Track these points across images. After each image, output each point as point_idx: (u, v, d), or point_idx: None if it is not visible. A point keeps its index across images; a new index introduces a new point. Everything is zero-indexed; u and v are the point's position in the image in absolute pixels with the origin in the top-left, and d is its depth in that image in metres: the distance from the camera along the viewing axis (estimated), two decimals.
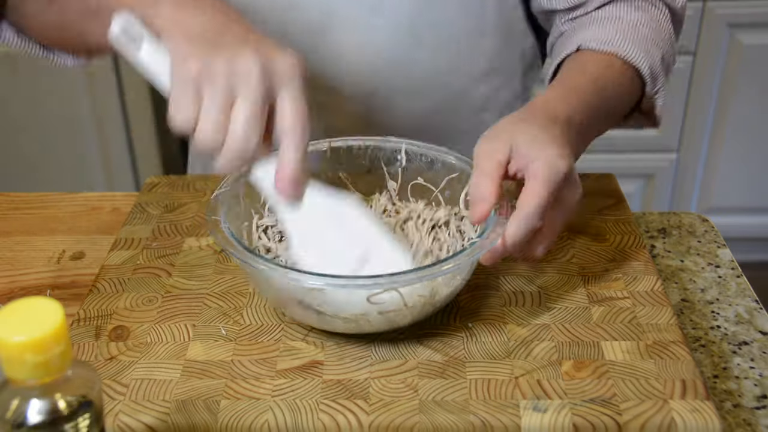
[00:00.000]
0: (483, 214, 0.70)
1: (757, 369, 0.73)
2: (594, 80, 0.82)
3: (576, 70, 0.84)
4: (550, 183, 0.68)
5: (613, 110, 0.86)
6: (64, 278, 0.85)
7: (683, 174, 2.20)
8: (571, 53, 0.88)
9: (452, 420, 0.64)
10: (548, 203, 0.69)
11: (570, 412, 0.64)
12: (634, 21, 0.88)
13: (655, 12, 0.91)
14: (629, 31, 0.87)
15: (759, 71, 2.08)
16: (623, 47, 0.85)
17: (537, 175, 0.69)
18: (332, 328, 0.71)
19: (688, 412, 0.64)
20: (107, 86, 2.07)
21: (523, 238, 0.69)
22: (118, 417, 0.65)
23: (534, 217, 0.68)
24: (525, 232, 0.68)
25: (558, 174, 0.69)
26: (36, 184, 2.13)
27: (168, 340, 0.72)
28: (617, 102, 0.86)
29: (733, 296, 0.83)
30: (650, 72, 0.86)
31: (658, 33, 0.89)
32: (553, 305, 0.76)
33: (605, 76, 0.83)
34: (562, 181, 0.70)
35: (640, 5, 0.90)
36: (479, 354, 0.70)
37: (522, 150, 0.70)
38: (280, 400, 0.66)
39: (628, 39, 0.86)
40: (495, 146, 0.71)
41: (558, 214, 0.71)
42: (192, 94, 0.65)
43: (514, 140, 0.71)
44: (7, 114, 2.11)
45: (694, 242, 0.91)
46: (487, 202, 0.70)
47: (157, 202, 0.92)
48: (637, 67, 0.85)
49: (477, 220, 0.70)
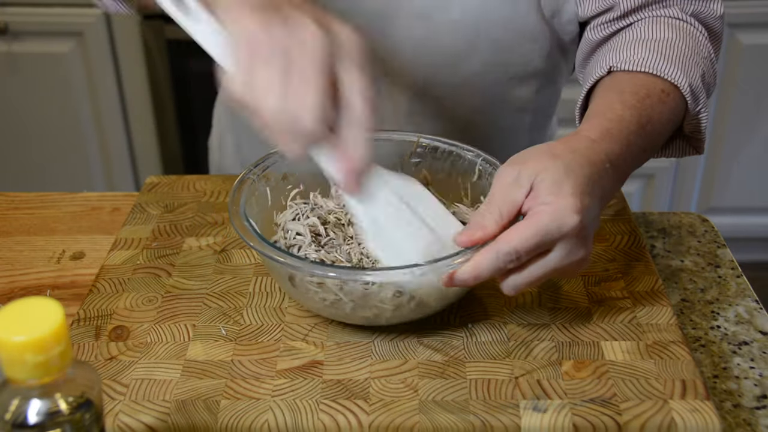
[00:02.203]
0: (474, 242, 0.66)
1: (757, 369, 0.73)
2: (638, 114, 0.75)
3: (615, 100, 0.76)
4: (543, 233, 0.63)
5: (655, 144, 0.80)
6: (64, 278, 0.85)
7: (683, 174, 2.20)
8: (602, 77, 0.82)
9: (452, 420, 0.64)
10: (531, 251, 0.64)
11: (570, 412, 0.64)
12: (669, 39, 0.82)
13: (691, 29, 0.85)
14: (665, 49, 0.81)
15: (759, 71, 2.08)
16: (659, 66, 0.79)
17: (535, 219, 0.64)
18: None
19: (688, 412, 0.64)
20: (107, 86, 2.07)
21: (486, 274, 0.65)
22: (118, 417, 0.65)
23: (505, 257, 0.64)
24: (490, 268, 0.64)
25: (560, 229, 0.64)
26: (36, 184, 2.13)
27: (168, 340, 0.72)
28: (659, 136, 0.79)
29: (733, 296, 0.83)
30: (690, 90, 0.79)
31: (696, 51, 0.83)
32: (553, 305, 0.76)
33: (646, 106, 0.76)
34: (561, 237, 0.64)
35: (673, 24, 0.85)
36: (479, 354, 0.70)
37: (541, 191, 0.65)
38: (280, 400, 0.66)
39: (664, 57, 0.80)
40: (516, 180, 0.66)
41: (543, 266, 0.66)
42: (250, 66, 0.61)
43: (537, 178, 0.66)
44: (7, 114, 2.11)
45: (694, 242, 0.91)
46: (482, 234, 0.66)
47: (157, 202, 0.92)
48: (676, 84, 0.79)
49: (464, 244, 0.66)
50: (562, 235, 0.64)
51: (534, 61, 0.95)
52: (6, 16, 1.99)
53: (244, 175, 0.78)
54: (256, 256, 0.82)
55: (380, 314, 0.70)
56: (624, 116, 0.74)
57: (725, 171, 2.20)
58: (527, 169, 0.67)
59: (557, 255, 0.65)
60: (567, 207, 0.64)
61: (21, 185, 1.92)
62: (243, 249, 0.84)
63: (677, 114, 0.80)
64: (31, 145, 2.15)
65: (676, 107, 0.80)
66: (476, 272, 0.65)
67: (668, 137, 0.84)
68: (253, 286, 0.79)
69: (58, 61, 2.04)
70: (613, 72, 0.82)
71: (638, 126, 0.74)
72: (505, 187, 0.67)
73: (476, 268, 0.65)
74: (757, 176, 2.21)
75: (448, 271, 0.66)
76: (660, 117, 0.77)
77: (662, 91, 0.79)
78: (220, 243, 0.85)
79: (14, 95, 2.09)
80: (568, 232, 0.64)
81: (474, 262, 0.65)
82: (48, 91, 2.08)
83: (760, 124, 2.15)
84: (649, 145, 0.77)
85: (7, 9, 1.99)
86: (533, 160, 0.67)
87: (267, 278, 0.80)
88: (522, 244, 0.63)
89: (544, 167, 0.66)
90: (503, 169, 0.68)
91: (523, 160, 0.68)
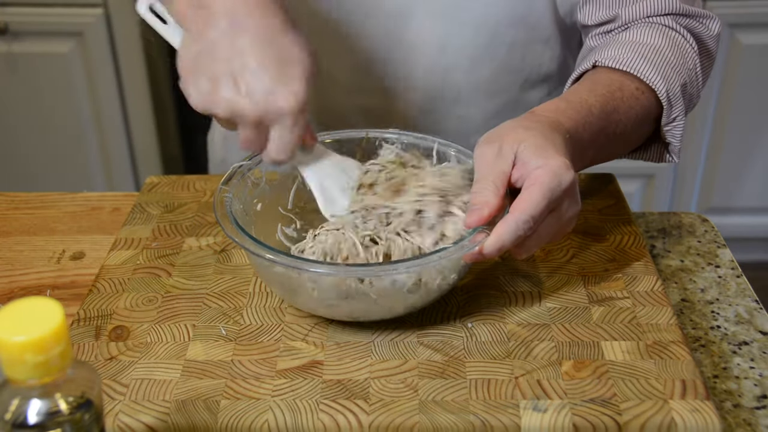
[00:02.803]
0: (481, 220, 0.68)
1: (757, 369, 0.73)
2: (602, 101, 0.79)
3: (586, 88, 0.81)
4: (550, 192, 0.67)
5: (622, 135, 0.82)
6: (64, 278, 0.85)
7: (683, 174, 2.20)
8: (587, 70, 0.85)
9: (452, 420, 0.64)
10: (543, 213, 0.67)
11: (570, 412, 0.64)
12: (654, 44, 0.85)
13: (680, 40, 0.87)
14: (649, 53, 0.83)
15: (759, 71, 2.08)
16: (639, 68, 0.82)
17: (538, 183, 0.67)
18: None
19: (688, 412, 0.64)
20: (107, 86, 2.07)
21: (509, 244, 0.67)
22: (118, 417, 0.65)
23: (524, 225, 0.66)
24: (511, 238, 0.67)
25: (560, 184, 0.67)
26: (36, 184, 2.13)
27: (168, 340, 0.72)
28: (627, 126, 0.82)
29: (733, 296, 0.83)
30: (667, 96, 0.82)
31: (681, 61, 0.85)
32: (553, 305, 0.76)
33: (615, 97, 0.80)
34: (563, 193, 0.68)
35: (663, 32, 0.87)
36: (479, 354, 0.70)
37: (526, 157, 0.69)
38: (280, 400, 0.66)
39: (646, 60, 0.83)
40: (499, 153, 0.69)
41: (550, 224, 0.69)
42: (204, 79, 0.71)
43: (518, 148, 0.69)
44: (7, 114, 2.11)
45: (694, 242, 0.91)
46: (489, 209, 0.68)
47: (157, 202, 0.92)
48: (652, 87, 0.82)
49: (473, 224, 0.68)
50: (563, 192, 0.68)
51: (546, 64, 0.96)
52: (6, 16, 1.99)
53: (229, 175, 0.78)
54: None
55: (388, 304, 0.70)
56: (587, 100, 0.78)
57: (725, 171, 2.20)
58: (507, 143, 0.70)
59: (562, 211, 0.69)
60: (559, 165, 0.68)
61: (21, 185, 1.92)
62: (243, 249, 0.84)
63: (649, 113, 0.83)
64: (31, 145, 2.15)
65: (648, 106, 0.83)
66: (500, 243, 0.67)
67: (644, 137, 0.87)
68: (253, 286, 0.79)
69: (58, 61, 2.04)
70: (597, 67, 0.85)
71: (601, 111, 0.78)
72: (491, 163, 0.70)
73: (500, 239, 0.67)
74: (757, 176, 2.21)
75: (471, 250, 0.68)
76: (628, 110, 0.81)
77: (637, 89, 0.82)
78: (220, 243, 0.85)
79: (14, 95, 2.09)
80: (567, 187, 0.68)
81: (496, 235, 0.67)
82: (48, 91, 2.08)
83: (761, 124, 2.15)
84: (613, 133, 0.80)
85: (7, 9, 1.99)
86: (509, 134, 0.71)
87: None
88: (536, 209, 0.66)
89: (523, 137, 0.70)
90: (482, 148, 0.71)
91: (498, 135, 0.71)
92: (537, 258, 0.82)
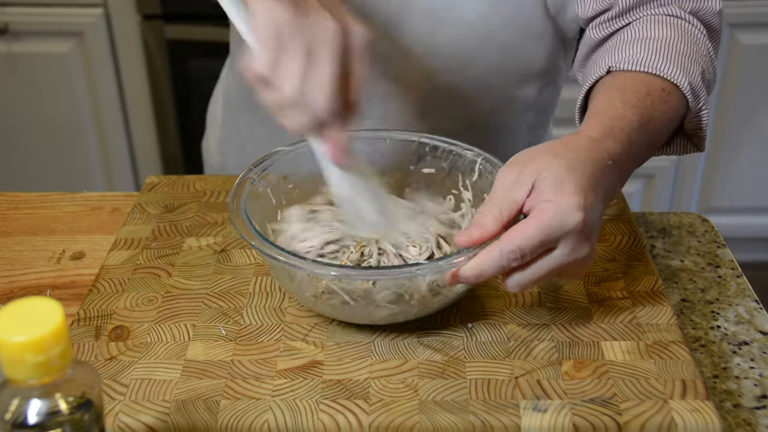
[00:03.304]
0: (472, 242, 0.66)
1: (757, 369, 0.73)
2: (639, 113, 0.75)
3: (618, 99, 0.76)
4: (546, 231, 0.63)
5: (656, 142, 0.80)
6: (64, 278, 0.85)
7: (683, 174, 2.20)
8: (602, 77, 0.82)
9: (452, 420, 0.64)
10: (534, 249, 0.64)
11: (570, 412, 0.64)
12: (668, 38, 0.82)
13: (689, 28, 0.85)
14: (662, 48, 0.81)
15: (759, 71, 2.08)
16: (658, 66, 0.79)
17: (537, 217, 0.64)
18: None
19: (688, 412, 0.64)
20: (107, 86, 2.07)
21: (489, 272, 0.65)
22: (118, 417, 0.65)
23: (508, 255, 0.64)
24: (493, 266, 0.65)
25: (562, 226, 0.64)
26: (36, 184, 2.13)
27: (168, 340, 0.72)
28: (662, 133, 0.79)
29: (733, 296, 0.83)
30: (691, 88, 0.79)
31: (695, 49, 0.83)
32: (553, 305, 0.76)
33: (647, 105, 0.76)
34: (565, 235, 0.64)
35: (672, 22, 0.84)
36: (479, 354, 0.70)
37: (542, 190, 0.65)
38: (280, 400, 0.66)
39: (663, 56, 0.80)
40: (518, 179, 0.67)
41: (547, 263, 0.66)
42: (277, 48, 0.67)
43: (538, 177, 0.66)
44: (7, 114, 2.11)
45: (694, 242, 0.91)
46: (481, 234, 0.66)
47: (157, 202, 0.92)
48: (675, 83, 0.79)
49: (464, 244, 0.67)
50: (566, 233, 0.64)
51: (538, 60, 0.96)
52: (6, 16, 1.99)
53: (244, 175, 0.78)
54: (256, 256, 0.82)
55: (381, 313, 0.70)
56: (626, 114, 0.74)
57: (725, 171, 2.20)
58: (528, 169, 0.67)
59: (561, 252, 0.65)
60: (570, 204, 0.64)
61: (21, 185, 1.92)
62: (243, 249, 0.84)
63: (678, 112, 0.80)
64: (32, 145, 2.15)
65: (677, 106, 0.80)
66: (479, 270, 0.65)
67: (669, 135, 0.84)
68: (253, 286, 0.79)
69: (58, 61, 2.04)
70: (612, 72, 0.82)
71: (640, 124, 0.74)
72: (507, 187, 0.67)
73: (480, 265, 0.65)
74: (757, 176, 2.21)
75: (450, 269, 0.66)
76: (661, 116, 0.77)
77: (662, 89, 0.79)
78: (220, 243, 0.85)
79: (14, 95, 2.09)
80: (571, 229, 0.64)
81: (477, 260, 0.65)
82: (48, 91, 2.08)
83: (760, 124, 2.15)
84: (650, 142, 0.77)
85: (7, 9, 1.99)
86: (534, 160, 0.67)
87: (267, 278, 0.80)
88: (525, 242, 0.64)
89: (546, 166, 0.66)
90: (504, 170, 0.69)
91: (524, 160, 0.68)
92: None
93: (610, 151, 0.70)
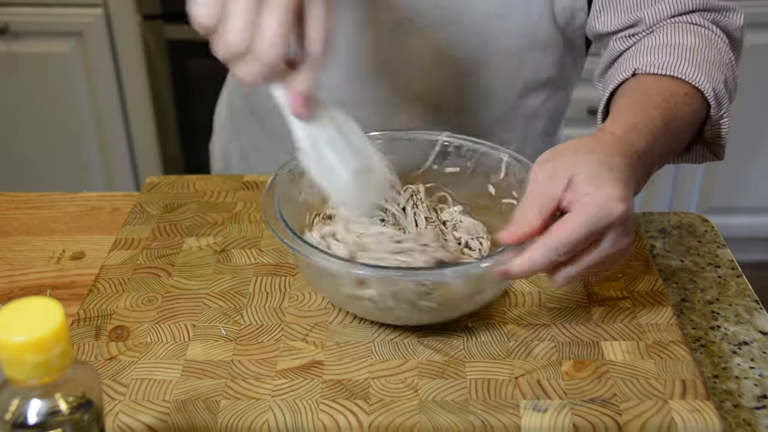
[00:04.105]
0: (517, 238, 0.67)
1: (757, 369, 0.73)
2: (662, 112, 0.76)
3: (642, 100, 0.78)
4: (592, 224, 0.64)
5: (678, 143, 0.81)
6: (64, 278, 0.85)
7: (683, 174, 2.20)
8: (626, 79, 0.83)
9: (452, 420, 0.64)
10: (581, 243, 0.65)
11: (570, 412, 0.64)
12: (691, 45, 0.83)
13: (712, 36, 0.86)
14: (687, 54, 0.81)
15: (759, 71, 2.08)
16: (684, 70, 0.80)
17: (583, 211, 0.65)
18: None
19: (688, 412, 0.64)
20: (107, 86, 2.07)
21: (540, 268, 0.66)
22: (118, 417, 0.65)
23: (557, 251, 0.65)
24: (543, 262, 0.65)
25: (607, 218, 0.65)
26: (36, 184, 2.13)
27: (168, 340, 0.72)
28: (683, 134, 0.80)
29: (733, 296, 0.83)
30: (714, 94, 0.80)
31: (718, 56, 0.84)
32: (553, 305, 0.76)
33: (671, 106, 0.77)
34: (609, 225, 0.65)
35: (695, 30, 0.85)
36: (479, 354, 0.70)
37: (580, 184, 0.66)
38: (280, 400, 0.66)
39: (688, 62, 0.80)
40: (553, 176, 0.67)
41: (591, 255, 0.67)
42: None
43: (574, 172, 0.67)
44: (7, 114, 2.11)
45: (694, 242, 0.91)
46: (528, 230, 0.66)
47: (157, 202, 0.92)
48: (699, 89, 0.79)
49: (508, 240, 0.67)
50: (609, 224, 0.65)
51: (544, 69, 0.96)
52: (6, 16, 1.99)
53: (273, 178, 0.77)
54: (256, 256, 0.82)
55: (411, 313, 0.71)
56: (650, 113, 0.75)
57: (725, 171, 2.20)
58: (563, 165, 0.67)
59: (606, 244, 0.66)
60: (611, 196, 0.65)
61: (21, 185, 1.92)
62: (243, 249, 0.84)
63: (699, 117, 0.81)
64: (32, 146, 2.15)
65: (698, 109, 0.80)
66: (530, 265, 0.66)
67: (689, 142, 0.84)
68: (253, 286, 0.79)
69: (58, 61, 2.04)
70: (637, 74, 0.82)
71: (663, 123, 0.75)
72: (543, 184, 0.68)
73: (531, 260, 0.65)
74: (757, 176, 2.22)
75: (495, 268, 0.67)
76: (683, 117, 0.78)
77: (685, 93, 0.79)
78: (220, 243, 0.85)
79: (14, 95, 2.09)
80: (614, 220, 0.65)
81: (528, 256, 0.66)
82: (48, 91, 2.08)
83: (761, 125, 2.15)
84: (673, 142, 0.78)
85: (7, 9, 1.99)
86: (567, 156, 0.68)
87: (267, 278, 0.80)
88: (574, 236, 0.64)
89: (579, 162, 0.67)
90: (537, 168, 0.69)
91: (555, 157, 0.69)
92: None
93: (635, 147, 0.71)
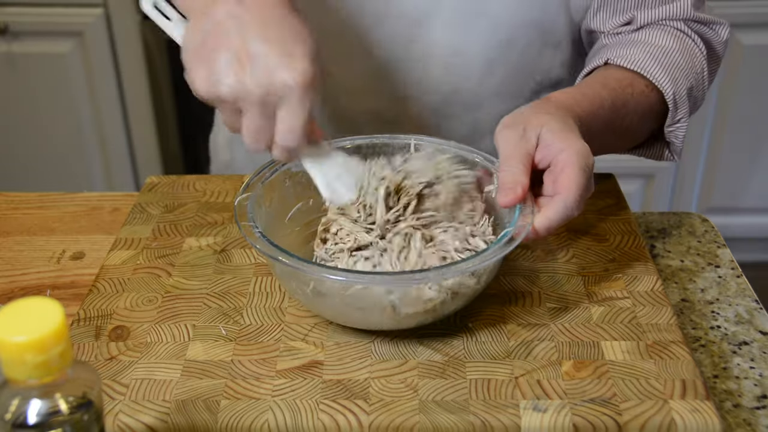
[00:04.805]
0: (517, 199, 0.70)
1: (757, 369, 0.73)
2: (613, 95, 0.82)
3: (599, 82, 0.85)
4: (585, 171, 0.70)
5: (628, 130, 0.87)
6: (64, 278, 0.85)
7: (683, 174, 2.20)
8: (598, 66, 0.88)
9: (452, 420, 0.64)
10: (586, 192, 0.70)
11: (570, 412, 0.64)
12: (666, 47, 0.88)
13: (691, 45, 0.90)
14: (659, 55, 0.87)
15: (759, 71, 2.08)
16: (649, 69, 0.85)
17: (571, 165, 0.69)
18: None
19: (688, 412, 0.64)
20: (107, 86, 2.07)
21: (560, 225, 0.70)
22: (118, 417, 0.65)
23: (575, 206, 0.69)
24: (563, 219, 0.69)
25: (588, 165, 0.70)
26: (36, 184, 2.13)
27: (168, 340, 0.72)
28: (633, 121, 0.86)
29: (733, 296, 0.83)
30: (673, 98, 0.86)
31: (689, 65, 0.89)
32: (553, 305, 0.76)
33: (626, 93, 0.84)
34: (591, 172, 0.70)
35: (675, 35, 0.90)
36: (479, 354, 0.70)
37: (548, 140, 0.71)
38: (280, 400, 0.66)
39: (656, 62, 0.86)
40: (523, 136, 0.72)
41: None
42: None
43: (541, 130, 0.72)
44: (7, 114, 2.11)
45: (694, 242, 0.91)
46: (521, 187, 0.70)
47: (157, 202, 0.92)
48: (660, 89, 0.85)
49: (510, 203, 0.70)
50: (591, 170, 0.71)
51: (556, 69, 0.97)
52: (6, 16, 1.99)
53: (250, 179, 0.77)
54: (256, 256, 0.82)
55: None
56: (599, 92, 0.82)
57: (725, 171, 2.20)
58: (530, 126, 0.72)
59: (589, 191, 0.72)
60: (583, 147, 0.71)
61: (21, 185, 1.92)
62: (243, 249, 0.84)
63: (655, 111, 0.87)
64: (31, 145, 2.15)
65: (655, 104, 0.86)
66: (548, 224, 0.69)
67: (647, 134, 0.90)
68: (253, 286, 0.79)
69: (58, 61, 2.04)
70: (608, 64, 0.88)
71: (612, 104, 0.81)
72: (515, 144, 0.72)
73: (549, 220, 0.69)
74: (757, 176, 2.21)
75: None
76: (636, 107, 0.84)
77: (646, 86, 0.85)
78: (220, 243, 0.85)
79: (14, 95, 2.09)
80: (592, 166, 0.71)
81: (545, 215, 0.69)
82: (48, 91, 2.08)
83: (760, 124, 2.15)
84: (620, 128, 0.84)
85: (7, 9, 1.99)
86: (531, 118, 0.73)
87: (267, 278, 0.80)
88: (581, 189, 0.69)
89: (544, 121, 0.72)
90: (505, 131, 0.73)
91: (521, 119, 0.73)
92: (537, 258, 0.82)
93: (579, 114, 0.77)
